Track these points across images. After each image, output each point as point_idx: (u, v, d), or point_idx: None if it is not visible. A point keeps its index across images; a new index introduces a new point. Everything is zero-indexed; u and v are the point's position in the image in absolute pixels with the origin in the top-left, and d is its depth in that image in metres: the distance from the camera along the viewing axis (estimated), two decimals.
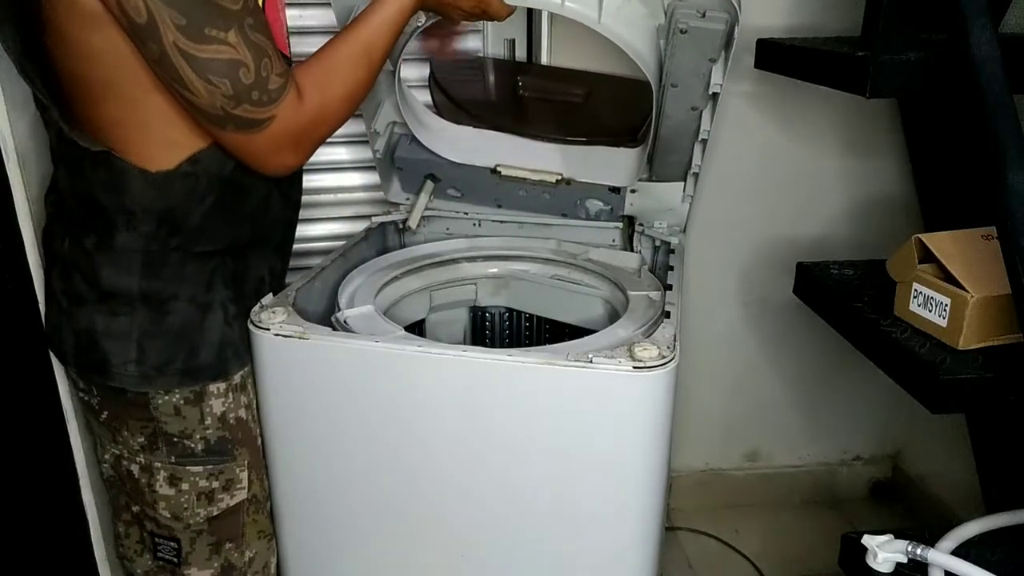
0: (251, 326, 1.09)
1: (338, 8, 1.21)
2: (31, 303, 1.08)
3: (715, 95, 1.19)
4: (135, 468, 1.09)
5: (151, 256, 1.00)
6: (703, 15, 1.05)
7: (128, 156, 0.95)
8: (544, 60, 1.64)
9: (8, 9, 0.92)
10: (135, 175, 0.96)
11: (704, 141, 1.28)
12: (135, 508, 1.13)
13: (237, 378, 1.09)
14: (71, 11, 0.87)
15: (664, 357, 1.00)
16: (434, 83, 1.56)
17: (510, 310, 1.54)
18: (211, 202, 1.00)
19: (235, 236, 1.06)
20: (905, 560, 1.07)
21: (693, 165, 1.33)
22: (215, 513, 1.10)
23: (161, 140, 0.95)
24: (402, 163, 1.50)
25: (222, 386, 1.08)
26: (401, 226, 1.55)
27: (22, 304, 1.07)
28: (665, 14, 1.10)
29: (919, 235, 1.22)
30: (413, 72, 1.62)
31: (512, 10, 1.15)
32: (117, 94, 0.92)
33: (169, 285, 1.02)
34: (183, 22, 0.85)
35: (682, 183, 1.39)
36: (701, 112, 1.22)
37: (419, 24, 1.24)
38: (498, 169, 1.43)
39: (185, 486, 1.08)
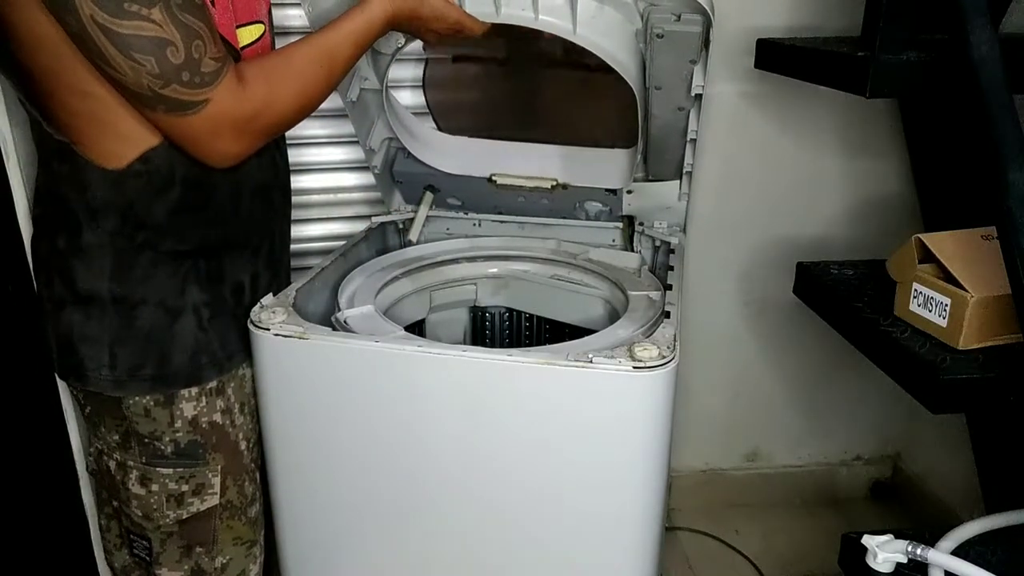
0: (251, 326, 1.09)
1: (312, 17, 1.21)
2: (31, 303, 1.08)
3: (699, 96, 1.19)
4: (112, 464, 1.09)
5: (120, 256, 1.00)
6: (678, 18, 1.06)
7: (86, 152, 0.95)
8: None
9: None
10: (93, 171, 0.95)
11: (693, 141, 1.28)
12: (115, 503, 1.13)
13: (214, 382, 1.08)
14: None
15: (664, 357, 1.00)
16: (427, 87, 1.57)
17: (510, 310, 1.54)
18: (174, 200, 0.99)
19: (205, 236, 1.04)
20: (905, 560, 1.07)
21: (685, 164, 1.33)
22: (184, 516, 1.09)
23: (114, 133, 0.94)
24: (401, 177, 1.50)
25: (194, 390, 1.06)
26: (401, 226, 1.55)
27: (22, 304, 1.07)
28: (641, 18, 1.11)
29: (919, 235, 1.22)
30: (408, 72, 1.63)
31: (488, 27, 1.16)
32: (65, 84, 0.91)
33: (138, 288, 1.01)
34: None
35: (678, 182, 1.39)
36: (688, 112, 1.22)
37: (399, 46, 1.24)
38: (494, 179, 1.43)
39: (155, 487, 1.07)
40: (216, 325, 1.08)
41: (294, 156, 1.23)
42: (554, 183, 1.42)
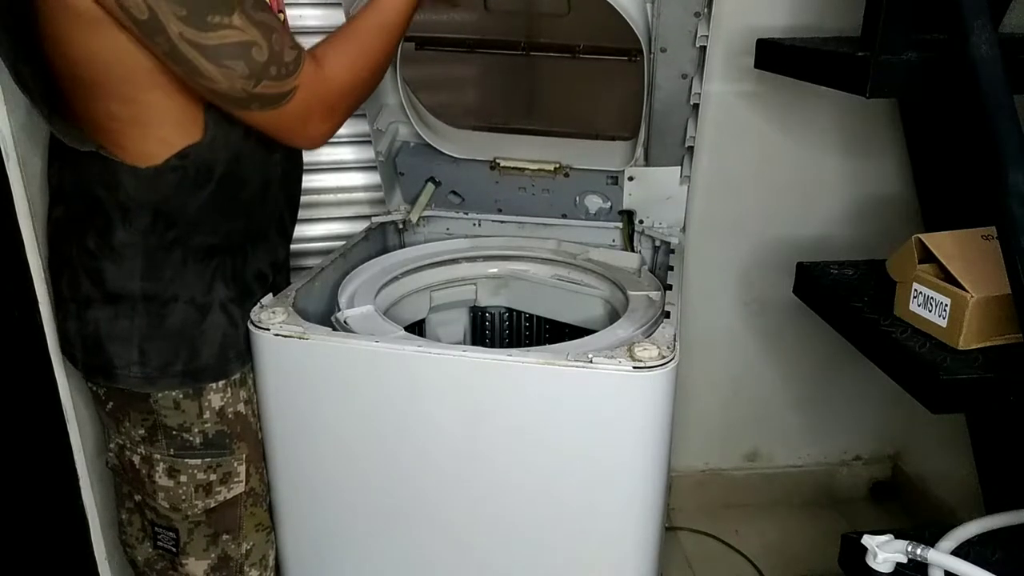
0: (251, 326, 1.09)
1: None
2: (31, 303, 1.08)
3: (703, 50, 1.19)
4: (136, 459, 1.10)
5: (151, 254, 1.01)
6: None
7: (118, 154, 0.96)
8: None
9: (2, 14, 0.93)
10: (126, 171, 0.97)
11: (696, 106, 1.27)
12: (137, 497, 1.14)
13: (238, 374, 1.11)
14: (65, 14, 0.88)
15: (664, 357, 1.00)
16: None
17: (510, 310, 1.54)
18: (207, 194, 1.01)
19: (232, 228, 1.06)
20: (905, 560, 1.07)
21: (688, 138, 1.33)
22: (212, 505, 1.11)
23: (155, 137, 0.96)
24: (404, 167, 1.50)
25: (221, 382, 1.09)
26: (401, 226, 1.55)
27: (22, 304, 1.07)
28: None
29: (919, 235, 1.22)
30: (415, 72, 1.62)
31: None
32: (109, 94, 0.93)
33: (169, 286, 1.03)
34: (184, 12, 0.86)
35: (679, 168, 1.39)
36: (691, 79, 1.22)
37: None
38: (497, 162, 1.43)
39: (183, 478, 1.09)
40: (243, 317, 1.10)
41: None
42: (556, 165, 1.42)
